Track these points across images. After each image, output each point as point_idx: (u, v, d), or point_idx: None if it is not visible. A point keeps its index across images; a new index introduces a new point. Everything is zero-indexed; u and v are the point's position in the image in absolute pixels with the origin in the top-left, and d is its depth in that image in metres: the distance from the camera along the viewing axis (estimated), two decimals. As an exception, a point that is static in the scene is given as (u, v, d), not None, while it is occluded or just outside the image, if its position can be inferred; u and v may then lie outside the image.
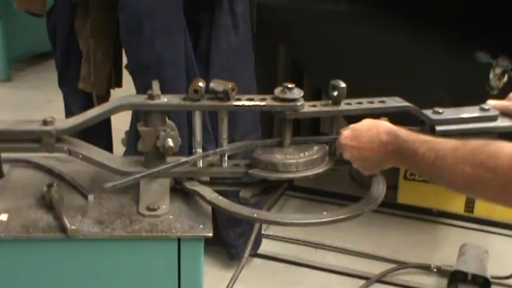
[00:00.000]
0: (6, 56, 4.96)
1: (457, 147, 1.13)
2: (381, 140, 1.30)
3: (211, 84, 1.41)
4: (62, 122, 1.40)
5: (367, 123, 1.37)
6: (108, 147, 2.71)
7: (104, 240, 1.31)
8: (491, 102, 1.52)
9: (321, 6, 2.97)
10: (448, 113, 1.52)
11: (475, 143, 1.11)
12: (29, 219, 1.32)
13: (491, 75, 2.39)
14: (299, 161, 1.41)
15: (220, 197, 1.39)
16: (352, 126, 1.39)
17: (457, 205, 3.23)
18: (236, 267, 1.61)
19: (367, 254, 2.90)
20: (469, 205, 3.21)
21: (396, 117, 1.54)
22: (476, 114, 1.51)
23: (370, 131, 1.34)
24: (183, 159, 1.38)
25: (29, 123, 1.38)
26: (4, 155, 1.47)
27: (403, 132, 1.29)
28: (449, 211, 3.25)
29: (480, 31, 2.48)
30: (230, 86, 1.40)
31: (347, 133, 1.38)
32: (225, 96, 1.40)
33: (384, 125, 1.34)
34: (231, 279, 1.65)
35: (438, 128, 1.50)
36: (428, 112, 1.52)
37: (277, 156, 1.42)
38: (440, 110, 1.52)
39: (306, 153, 1.44)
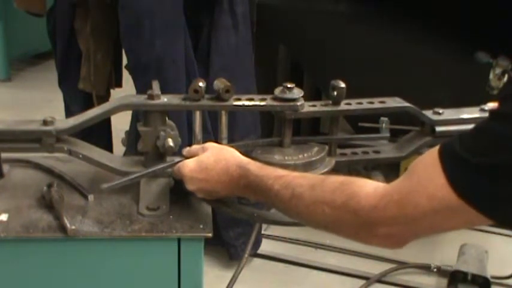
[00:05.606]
0: (6, 56, 4.94)
1: (315, 185, 1.11)
2: (232, 174, 1.25)
3: (213, 84, 1.41)
4: (62, 122, 1.40)
5: (214, 153, 1.30)
6: (108, 147, 2.71)
7: (104, 240, 1.31)
8: (491, 105, 1.47)
9: (321, 6, 2.97)
10: (448, 113, 1.51)
11: (333, 182, 1.09)
12: (29, 219, 1.32)
13: (491, 75, 2.38)
14: (297, 162, 1.40)
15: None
16: (197, 157, 1.31)
17: (457, 205, 3.22)
18: (236, 267, 1.61)
19: (367, 254, 2.89)
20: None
21: (396, 117, 1.54)
22: (477, 115, 1.50)
23: (219, 163, 1.27)
24: (180, 159, 1.38)
25: (29, 123, 1.38)
26: (4, 155, 1.46)
27: (253, 165, 1.24)
28: (449, 211, 3.24)
29: (480, 31, 2.48)
30: (230, 86, 1.40)
31: (192, 165, 1.29)
32: (225, 96, 1.40)
33: (231, 156, 1.28)
34: (231, 279, 1.65)
35: (438, 128, 1.49)
36: (428, 113, 1.51)
37: (276, 157, 1.41)
38: (441, 111, 1.51)
39: (305, 155, 1.43)
